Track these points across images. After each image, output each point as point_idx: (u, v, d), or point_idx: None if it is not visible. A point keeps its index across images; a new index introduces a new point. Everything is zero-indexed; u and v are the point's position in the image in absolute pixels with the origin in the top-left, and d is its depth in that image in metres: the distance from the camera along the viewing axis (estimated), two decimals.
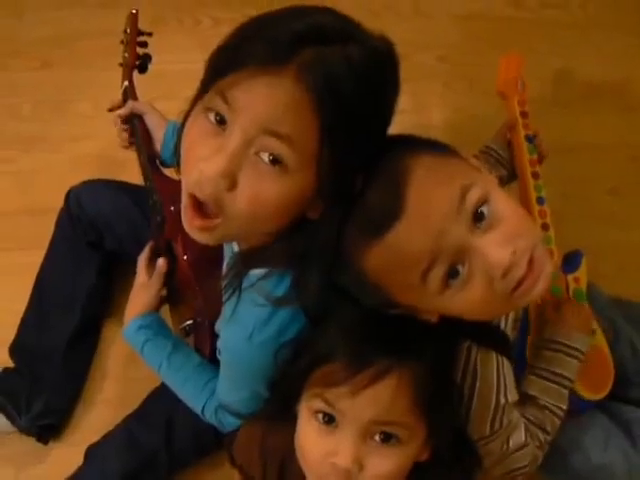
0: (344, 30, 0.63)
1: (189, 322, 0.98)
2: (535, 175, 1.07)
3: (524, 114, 1.08)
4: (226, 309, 0.79)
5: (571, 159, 1.33)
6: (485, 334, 0.80)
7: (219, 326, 0.85)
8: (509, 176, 1.10)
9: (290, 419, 0.77)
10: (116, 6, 1.15)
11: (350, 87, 0.62)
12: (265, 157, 0.63)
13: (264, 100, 0.62)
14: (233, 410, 0.86)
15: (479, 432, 0.82)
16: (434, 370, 0.72)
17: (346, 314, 0.72)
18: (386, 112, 0.67)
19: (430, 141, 0.71)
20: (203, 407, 0.92)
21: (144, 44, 1.09)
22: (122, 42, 1.09)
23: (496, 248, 0.67)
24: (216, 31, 1.42)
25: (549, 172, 1.04)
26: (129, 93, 1.07)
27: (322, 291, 0.71)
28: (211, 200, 0.66)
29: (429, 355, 0.71)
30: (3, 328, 1.14)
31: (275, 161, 0.63)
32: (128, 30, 1.08)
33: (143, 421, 1.05)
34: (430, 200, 0.66)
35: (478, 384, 0.79)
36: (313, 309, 0.73)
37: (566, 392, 0.94)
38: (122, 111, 1.06)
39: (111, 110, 1.09)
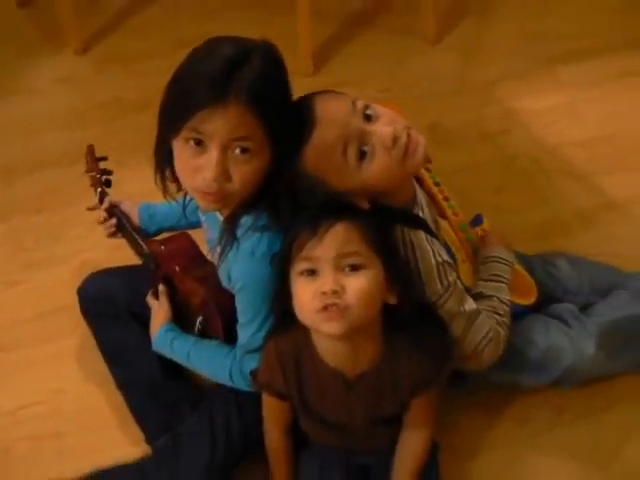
0: (241, 51, 1.02)
1: (200, 319, 1.27)
2: (428, 170, 1.45)
3: None
4: (228, 259, 1.11)
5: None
6: (410, 218, 1.15)
7: (225, 281, 1.16)
8: None
9: (291, 326, 1.07)
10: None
11: (264, 87, 1.01)
12: (238, 152, 1.02)
13: (224, 124, 1.00)
14: (255, 348, 1.14)
15: (434, 291, 1.14)
16: (371, 220, 1.06)
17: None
18: (288, 87, 1.07)
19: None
20: (230, 371, 1.20)
21: (107, 171, 1.43)
22: (86, 170, 1.45)
23: (383, 127, 1.07)
24: None
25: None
26: (104, 197, 1.42)
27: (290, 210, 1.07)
28: (218, 193, 1.04)
29: (363, 216, 1.06)
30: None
31: (244, 151, 1.02)
32: (88, 159, 1.44)
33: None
34: (331, 108, 1.08)
35: (418, 252, 1.13)
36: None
37: (505, 287, 1.29)
38: (104, 205, 1.41)
39: (91, 209, 1.44)
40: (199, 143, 1.02)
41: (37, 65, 2.07)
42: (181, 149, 1.04)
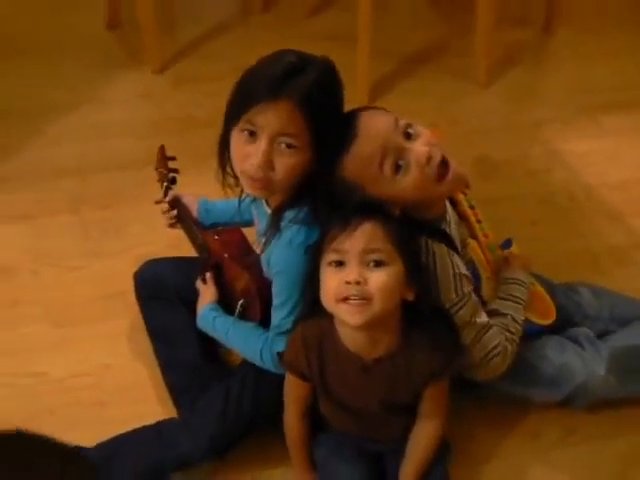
0: (302, 61, 1.17)
1: (241, 301, 1.40)
2: (464, 192, 1.55)
3: None
4: (271, 246, 1.25)
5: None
6: (436, 232, 1.26)
7: (265, 266, 1.29)
8: None
9: (318, 313, 1.17)
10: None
11: (315, 95, 1.15)
12: (283, 146, 1.16)
13: (274, 119, 1.15)
14: (285, 330, 1.26)
15: (449, 299, 1.25)
16: (397, 224, 1.17)
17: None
18: (340, 100, 1.21)
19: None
20: (261, 350, 1.32)
21: (173, 170, 1.59)
22: (156, 167, 1.61)
23: (420, 146, 1.19)
24: None
25: None
26: (168, 191, 1.57)
27: (328, 210, 1.20)
28: (263, 179, 1.19)
29: (391, 218, 1.18)
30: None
31: (289, 146, 1.16)
32: (159, 157, 1.59)
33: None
34: (374, 123, 1.20)
35: (438, 261, 1.24)
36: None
37: (520, 307, 1.39)
38: (168, 198, 1.56)
39: (157, 202, 1.59)
40: (252, 134, 1.17)
41: (119, 80, 2.27)
42: (237, 138, 1.19)
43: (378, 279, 1.13)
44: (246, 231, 1.51)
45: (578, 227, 1.85)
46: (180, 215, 1.56)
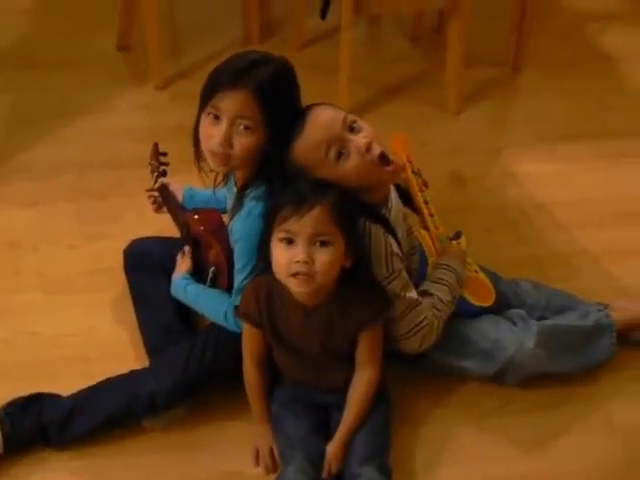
0: (263, 58, 1.40)
1: (212, 268, 1.60)
2: (421, 190, 1.76)
3: (409, 160, 1.79)
4: (231, 224, 1.45)
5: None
6: (374, 214, 1.44)
7: (229, 228, 1.49)
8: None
9: (267, 267, 1.38)
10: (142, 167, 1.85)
11: (270, 86, 1.37)
12: (241, 128, 1.38)
13: (234, 104, 1.37)
14: None
15: (380, 272, 1.43)
16: (342, 207, 1.34)
17: (290, 186, 1.37)
18: (293, 94, 1.43)
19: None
20: (225, 311, 1.51)
21: (164, 163, 1.79)
22: (149, 161, 1.81)
23: (361, 138, 1.39)
24: None
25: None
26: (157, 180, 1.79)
27: (281, 187, 1.39)
28: (223, 154, 1.39)
29: (338, 199, 1.34)
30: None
31: (246, 128, 1.38)
32: (152, 152, 1.80)
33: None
34: (322, 115, 1.40)
35: (372, 238, 1.42)
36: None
37: (447, 289, 1.57)
38: (156, 185, 1.77)
39: (148, 190, 1.80)
40: (216, 117, 1.38)
41: (125, 93, 2.52)
42: (204, 121, 1.41)
43: (323, 259, 1.32)
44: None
45: (527, 236, 2.05)
46: (166, 200, 1.77)
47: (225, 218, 1.67)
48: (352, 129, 1.41)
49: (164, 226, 1.83)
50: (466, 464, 1.53)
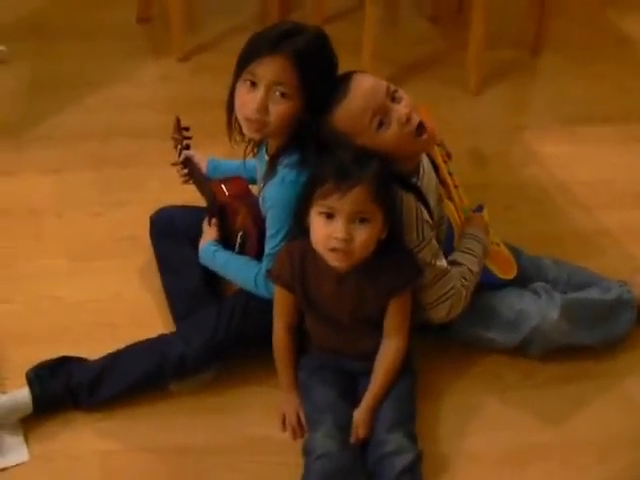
0: (299, 27, 1.41)
1: (241, 233, 1.61)
2: (445, 161, 1.77)
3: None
4: (263, 191, 1.46)
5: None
6: (407, 183, 1.45)
7: (261, 203, 1.50)
8: None
9: (303, 232, 1.38)
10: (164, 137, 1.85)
11: (307, 53, 1.38)
12: (278, 94, 1.38)
13: (271, 70, 1.37)
14: None
15: (411, 240, 1.44)
16: (382, 183, 1.35)
17: (331, 157, 1.35)
18: (331, 62, 1.43)
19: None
20: (255, 277, 1.52)
21: (187, 137, 1.80)
22: (172, 135, 1.82)
23: (402, 108, 1.40)
24: None
25: None
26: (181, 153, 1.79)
27: (315, 155, 1.39)
28: (259, 121, 1.40)
29: (379, 173, 1.34)
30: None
31: (282, 94, 1.38)
32: (175, 126, 1.81)
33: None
34: (365, 83, 1.41)
35: (404, 207, 1.42)
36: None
37: (475, 260, 1.58)
38: (181, 158, 1.79)
39: (173, 164, 1.81)
40: (253, 84, 1.39)
41: (145, 65, 2.53)
42: (240, 87, 1.41)
43: (362, 236, 1.33)
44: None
45: (547, 214, 2.06)
46: (191, 172, 1.78)
47: (253, 188, 1.69)
48: (394, 98, 1.42)
49: (189, 197, 1.83)
50: (490, 433, 1.54)
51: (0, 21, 2.63)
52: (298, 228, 1.41)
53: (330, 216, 1.33)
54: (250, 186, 1.69)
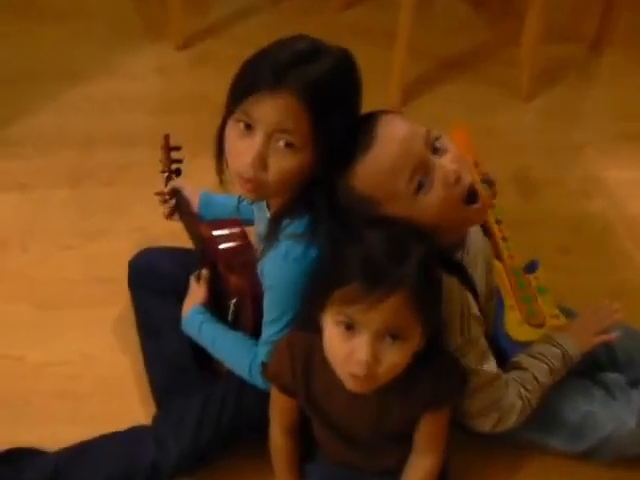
0: (316, 50, 1.02)
1: (234, 300, 1.27)
2: (491, 205, 1.42)
3: (475, 164, 1.46)
4: (266, 256, 1.10)
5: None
6: (449, 263, 1.09)
7: (261, 269, 1.14)
8: None
9: (313, 328, 1.03)
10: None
11: (324, 89, 1.00)
12: (281, 144, 1.01)
13: (273, 111, 1.00)
14: None
15: (454, 340, 1.09)
16: (428, 287, 0.98)
17: (358, 246, 0.97)
18: (355, 99, 1.05)
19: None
20: (250, 365, 1.19)
21: (177, 160, 1.45)
22: (160, 159, 1.47)
23: (449, 162, 1.03)
24: None
25: None
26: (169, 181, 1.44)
27: (329, 225, 1.05)
28: (253, 179, 1.03)
29: (426, 272, 0.97)
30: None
31: (288, 145, 1.01)
32: (163, 147, 1.45)
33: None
34: (397, 129, 1.03)
35: (445, 296, 1.05)
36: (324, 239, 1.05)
37: (547, 369, 1.23)
38: (167, 189, 1.44)
39: (157, 194, 1.46)
40: (248, 127, 1.02)
41: (136, 52, 2.15)
42: (232, 130, 1.04)
43: (393, 358, 0.97)
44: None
45: (613, 259, 1.71)
46: (179, 206, 1.44)
47: (250, 232, 1.34)
48: (435, 149, 1.05)
49: (179, 225, 1.49)
50: None
51: None
52: (303, 319, 1.07)
53: (350, 327, 0.98)
54: (248, 229, 1.35)
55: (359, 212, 1.04)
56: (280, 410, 1.18)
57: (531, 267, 1.44)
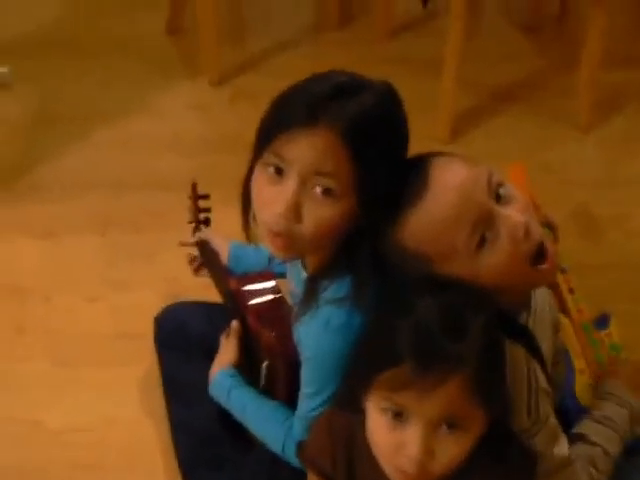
0: (356, 83, 0.89)
1: (265, 363, 1.13)
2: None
3: (535, 206, 1.30)
4: (303, 320, 0.97)
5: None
6: (514, 329, 0.93)
7: (297, 337, 1.00)
8: None
9: (355, 408, 0.89)
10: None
11: (368, 126, 0.87)
12: (318, 190, 0.87)
13: (309, 151, 0.86)
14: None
15: (520, 421, 0.93)
16: (493, 367, 0.83)
17: (409, 318, 0.82)
18: (401, 138, 0.92)
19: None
20: (284, 441, 1.04)
21: (205, 209, 1.35)
22: (189, 208, 1.36)
23: (516, 213, 0.88)
24: None
25: None
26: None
27: (375, 288, 0.91)
28: (285, 232, 0.89)
29: (488, 347, 0.82)
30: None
31: (326, 192, 0.87)
32: (191, 196, 1.35)
33: None
34: (456, 175, 0.88)
35: (510, 370, 0.90)
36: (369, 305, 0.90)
37: (617, 437, 1.06)
38: (194, 239, 1.33)
39: (183, 244, 1.35)
40: (279, 171, 0.88)
41: (171, 89, 2.06)
42: (260, 175, 0.90)
43: (450, 454, 0.82)
44: None
45: None
46: (206, 259, 1.32)
47: (282, 286, 1.20)
48: (499, 196, 0.90)
49: None
50: None
51: (2, 37, 2.19)
52: (346, 399, 0.92)
53: (399, 415, 0.82)
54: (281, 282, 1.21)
55: (410, 272, 0.90)
56: None
57: (602, 322, 1.28)
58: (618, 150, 1.92)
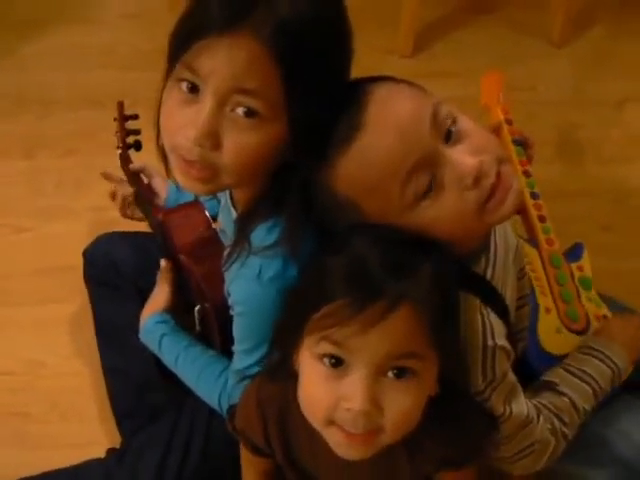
0: None
1: (197, 307, 1.03)
2: (526, 173, 1.17)
3: (508, 121, 1.20)
4: (232, 270, 0.84)
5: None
6: (467, 277, 0.81)
7: (227, 287, 0.88)
8: None
9: (285, 375, 0.78)
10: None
11: (301, 34, 0.71)
12: (240, 112, 0.72)
13: (228, 62, 0.70)
14: (251, 377, 0.87)
15: (475, 381, 0.82)
16: (440, 297, 0.71)
17: (343, 254, 0.71)
18: (343, 50, 0.76)
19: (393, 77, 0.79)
20: (219, 396, 0.94)
21: (135, 131, 1.18)
22: (116, 132, 1.20)
23: (465, 156, 0.73)
24: None
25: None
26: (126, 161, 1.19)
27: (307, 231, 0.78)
28: (200, 161, 0.74)
29: (440, 282, 0.71)
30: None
31: (249, 113, 0.72)
32: (117, 118, 1.19)
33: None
34: (397, 108, 0.74)
35: (462, 327, 0.78)
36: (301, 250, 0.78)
37: (592, 394, 0.96)
38: (130, 168, 1.17)
39: (105, 176, 1.20)
40: (194, 89, 0.73)
41: None
42: (170, 92, 0.75)
43: (400, 405, 0.70)
44: None
45: None
46: (136, 191, 1.17)
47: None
48: (448, 135, 0.75)
49: None
50: None
51: None
52: (279, 353, 0.79)
53: (339, 362, 0.71)
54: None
55: (341, 221, 0.77)
56: (251, 467, 0.93)
57: (574, 253, 1.17)
58: (590, 68, 1.79)
